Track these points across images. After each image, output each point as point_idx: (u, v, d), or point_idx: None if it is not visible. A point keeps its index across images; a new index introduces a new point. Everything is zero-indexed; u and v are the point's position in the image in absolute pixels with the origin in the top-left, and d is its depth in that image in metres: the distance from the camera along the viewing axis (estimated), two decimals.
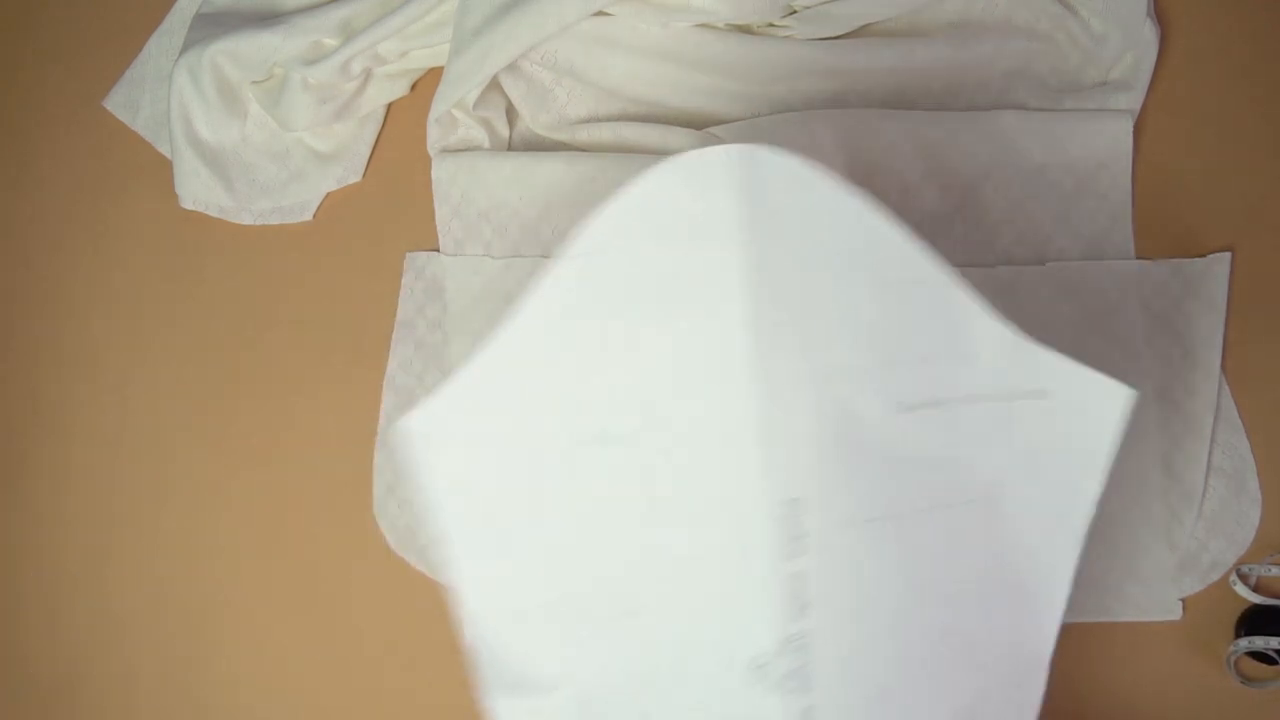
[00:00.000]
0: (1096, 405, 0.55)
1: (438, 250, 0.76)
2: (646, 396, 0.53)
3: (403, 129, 0.79)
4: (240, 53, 0.75)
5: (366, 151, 0.79)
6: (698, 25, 0.73)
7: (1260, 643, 0.68)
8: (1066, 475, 0.55)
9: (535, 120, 0.77)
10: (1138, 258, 0.74)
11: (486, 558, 0.55)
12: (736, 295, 0.51)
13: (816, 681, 0.53)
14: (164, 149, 0.79)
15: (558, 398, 0.54)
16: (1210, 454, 0.71)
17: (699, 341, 0.52)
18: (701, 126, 0.74)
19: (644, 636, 0.55)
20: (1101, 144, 0.74)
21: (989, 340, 0.54)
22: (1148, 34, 0.75)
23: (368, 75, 0.77)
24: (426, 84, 0.79)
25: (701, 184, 0.51)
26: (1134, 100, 0.75)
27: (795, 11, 0.74)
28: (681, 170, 0.51)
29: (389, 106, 0.79)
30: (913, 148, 0.73)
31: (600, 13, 0.72)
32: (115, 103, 0.81)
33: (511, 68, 0.74)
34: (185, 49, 0.76)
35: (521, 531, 0.55)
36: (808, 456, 0.53)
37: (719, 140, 0.73)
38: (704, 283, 0.52)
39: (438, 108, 0.74)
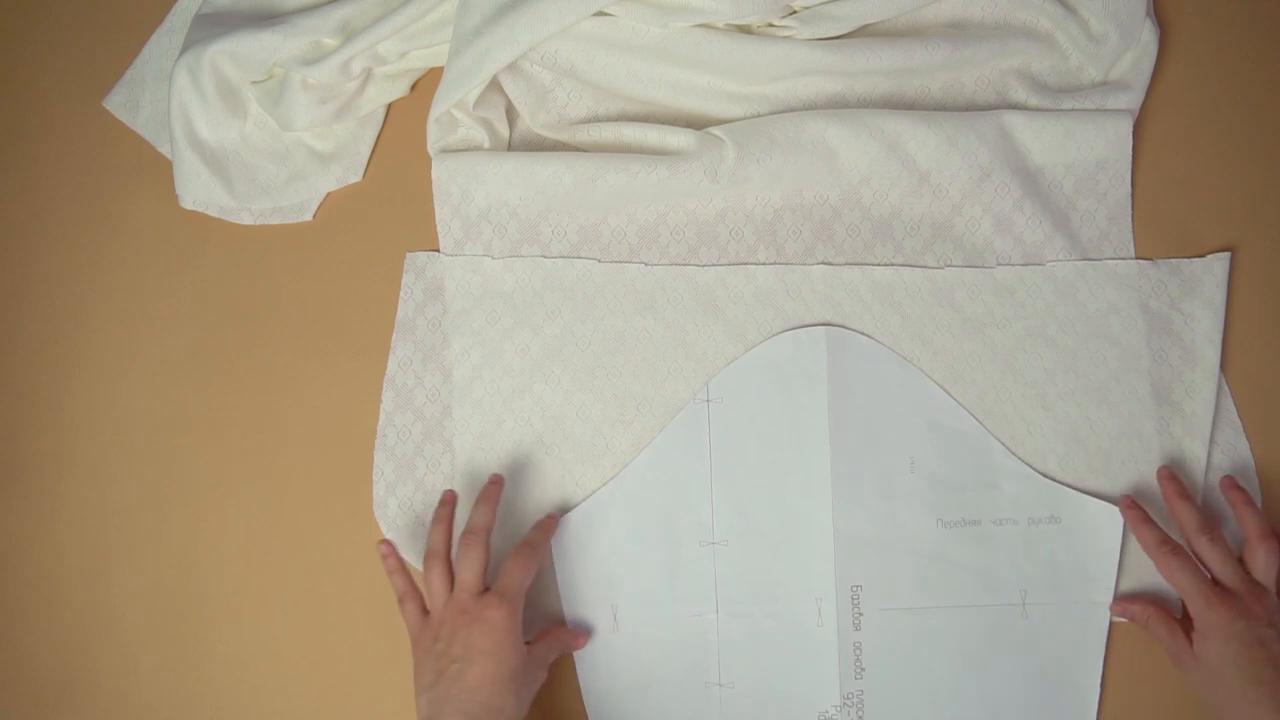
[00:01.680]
0: (1100, 529, 0.69)
1: (438, 250, 0.76)
2: (746, 507, 0.71)
3: (403, 129, 0.79)
4: (240, 53, 0.75)
5: (366, 151, 0.79)
6: (697, 25, 0.73)
7: None
8: (1081, 591, 0.69)
9: (535, 120, 0.77)
10: (1138, 258, 0.74)
11: (603, 632, 0.70)
12: (822, 430, 0.71)
13: None
14: (164, 149, 0.79)
15: (677, 508, 0.71)
16: (1210, 454, 0.71)
17: (792, 464, 0.71)
18: (701, 126, 0.74)
19: (736, 702, 0.69)
20: (1101, 144, 0.74)
21: (1011, 474, 0.71)
22: (1148, 34, 0.75)
23: (368, 75, 0.77)
24: (426, 84, 0.79)
25: (801, 351, 0.72)
26: (1134, 100, 0.75)
27: (795, 11, 0.74)
28: (788, 342, 0.72)
29: (389, 106, 0.79)
30: (912, 148, 0.73)
31: (600, 13, 0.72)
32: (115, 103, 0.81)
33: (511, 68, 0.74)
34: (185, 49, 0.76)
35: (631, 615, 0.70)
36: (867, 553, 0.70)
37: (719, 140, 0.73)
38: (798, 420, 0.71)
39: (438, 108, 0.74)
